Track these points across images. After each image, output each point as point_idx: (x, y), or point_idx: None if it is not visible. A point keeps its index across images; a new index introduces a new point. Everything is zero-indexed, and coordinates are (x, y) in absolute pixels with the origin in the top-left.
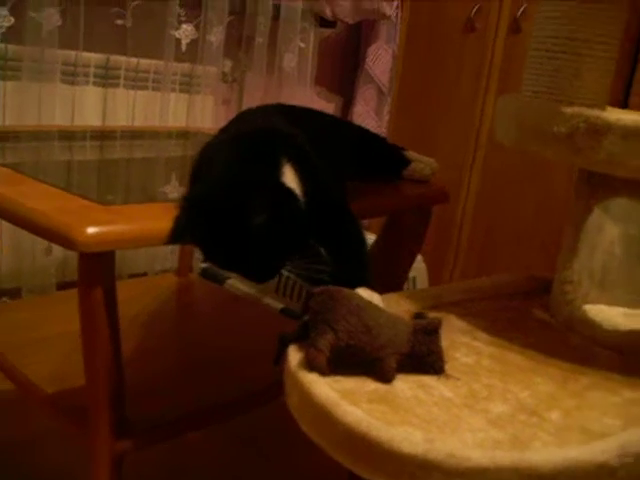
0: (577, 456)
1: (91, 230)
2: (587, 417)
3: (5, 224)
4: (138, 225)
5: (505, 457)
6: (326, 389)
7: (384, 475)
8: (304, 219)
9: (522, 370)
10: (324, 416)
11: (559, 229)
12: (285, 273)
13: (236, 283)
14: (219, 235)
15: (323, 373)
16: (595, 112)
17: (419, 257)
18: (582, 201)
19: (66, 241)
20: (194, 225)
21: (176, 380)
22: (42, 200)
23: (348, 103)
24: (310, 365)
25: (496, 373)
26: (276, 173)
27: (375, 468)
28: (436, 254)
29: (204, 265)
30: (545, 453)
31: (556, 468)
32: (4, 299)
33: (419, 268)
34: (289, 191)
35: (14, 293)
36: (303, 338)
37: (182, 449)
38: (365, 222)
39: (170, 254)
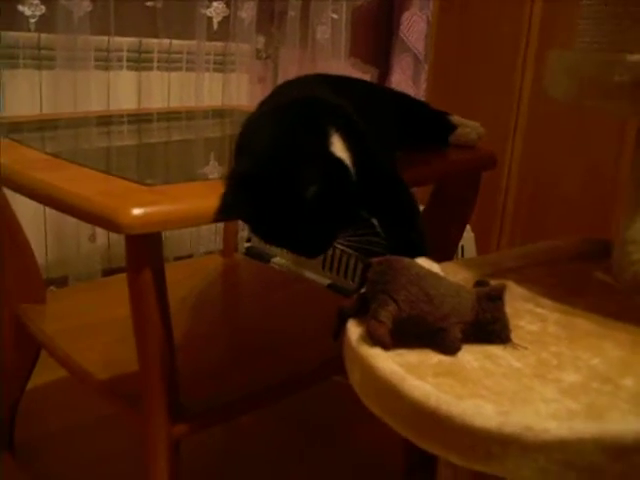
0: None
1: (136, 211)
2: None
3: (49, 213)
4: (184, 205)
5: (584, 428)
6: (390, 363)
7: (457, 452)
8: (355, 190)
9: (590, 336)
10: (390, 391)
11: (609, 193)
12: (337, 247)
13: (281, 261)
14: (269, 209)
15: (386, 346)
16: None
17: (467, 226)
18: None
19: (111, 224)
20: (243, 200)
21: (228, 362)
22: (84, 184)
23: (384, 73)
24: (372, 338)
25: (564, 340)
26: (325, 143)
27: (447, 445)
28: (482, 221)
29: (248, 244)
30: (625, 422)
31: (638, 438)
32: (51, 288)
33: (467, 237)
34: (339, 161)
35: (61, 281)
36: (362, 311)
37: (235, 432)
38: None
39: (214, 235)
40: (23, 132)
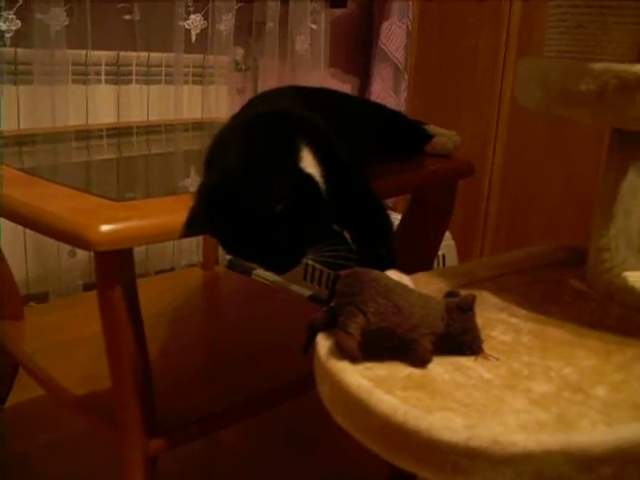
0: (630, 435)
1: (105, 228)
2: (636, 391)
3: (28, 230)
4: (154, 220)
5: (552, 440)
6: (358, 377)
7: (425, 466)
8: (325, 205)
9: (563, 345)
10: (357, 406)
11: (591, 199)
12: (310, 262)
13: (263, 273)
14: (236, 225)
15: (355, 358)
16: (626, 66)
17: (447, 234)
18: (616, 163)
19: (80, 241)
20: (210, 215)
21: (207, 375)
22: (55, 201)
23: (364, 83)
24: (340, 350)
25: (536, 350)
26: (294, 157)
27: (415, 459)
28: (464, 230)
29: (230, 257)
30: (594, 433)
31: (607, 449)
32: (31, 304)
33: (448, 245)
34: (308, 177)
35: (41, 297)
36: (332, 325)
37: (216, 446)
38: (390, 202)
39: (196, 248)
40: None
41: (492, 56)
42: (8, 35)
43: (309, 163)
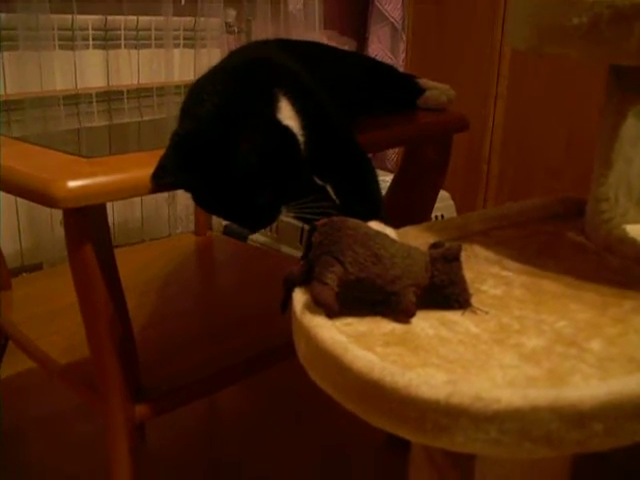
0: (622, 388)
1: (72, 184)
2: (633, 344)
3: (20, 200)
4: (123, 175)
5: (540, 395)
6: (334, 332)
7: (405, 426)
8: (303, 159)
9: (557, 298)
10: (333, 363)
11: (592, 156)
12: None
13: (259, 238)
14: (206, 177)
15: (331, 310)
16: None
17: (446, 194)
18: (614, 106)
19: (47, 198)
20: (179, 165)
21: (198, 341)
22: (24, 160)
23: (362, 45)
24: (316, 302)
25: (529, 303)
26: (270, 108)
27: (393, 418)
28: (465, 191)
29: (226, 222)
30: (586, 388)
31: (599, 404)
32: (24, 274)
33: (447, 206)
34: (285, 128)
35: (35, 268)
36: (309, 279)
37: (215, 413)
38: (389, 165)
39: (192, 216)
40: None
41: (491, 10)
42: None
43: (287, 114)
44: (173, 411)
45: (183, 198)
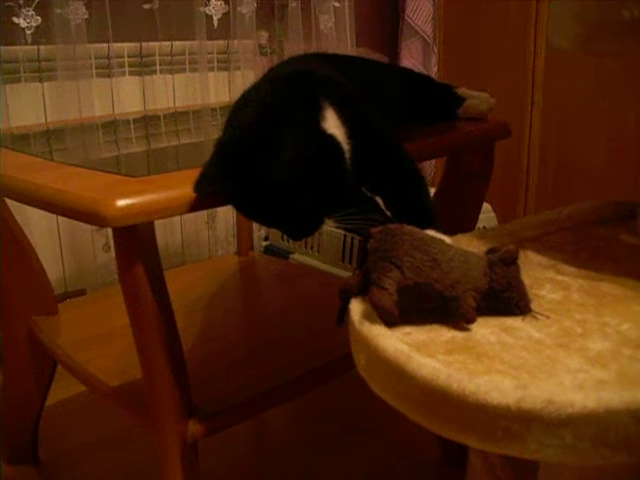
0: None
1: (121, 203)
2: None
3: (62, 227)
4: (171, 192)
5: (615, 397)
6: (395, 341)
7: (474, 434)
8: (348, 168)
9: (619, 301)
10: (395, 372)
11: (634, 159)
12: (334, 227)
13: (300, 257)
14: (250, 184)
15: (391, 313)
16: None
17: (488, 206)
18: None
19: (96, 218)
20: (223, 173)
21: (245, 359)
22: (71, 181)
23: (393, 60)
24: (375, 307)
25: (589, 307)
26: (315, 117)
27: (461, 427)
28: (505, 203)
29: (266, 243)
30: None
31: None
32: (68, 301)
33: (489, 217)
34: (330, 137)
35: (79, 294)
36: (366, 288)
37: (266, 432)
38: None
39: (232, 238)
40: (23, 140)
41: (523, 22)
42: (29, 32)
43: (332, 123)
44: (225, 431)
45: (223, 220)
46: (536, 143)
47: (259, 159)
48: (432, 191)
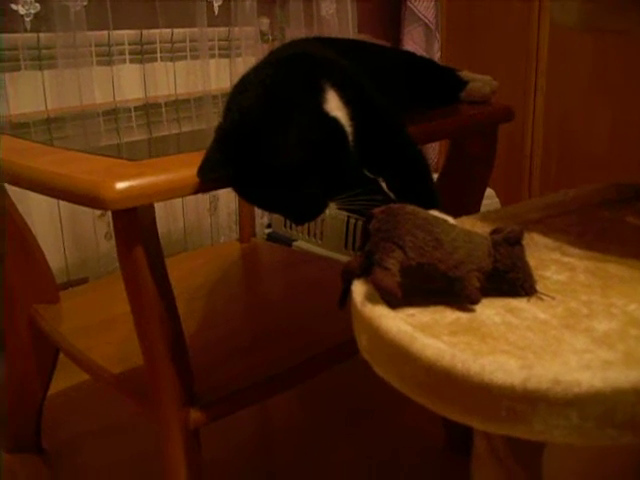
0: None
1: (120, 185)
2: None
3: (64, 216)
4: (170, 175)
5: (621, 376)
6: (399, 322)
7: (479, 415)
8: (351, 151)
9: (625, 282)
10: (399, 353)
11: (638, 144)
12: (336, 210)
13: (303, 244)
14: (252, 169)
15: (394, 294)
16: None
17: (491, 192)
18: None
19: (95, 201)
20: (225, 158)
21: (248, 346)
22: (70, 165)
23: (396, 45)
24: (378, 288)
25: (595, 288)
26: (317, 99)
27: (467, 408)
28: (508, 188)
29: (269, 230)
30: None
31: None
32: (69, 289)
33: (492, 204)
34: (333, 120)
35: (82, 283)
36: (368, 270)
37: (269, 418)
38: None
39: (235, 225)
40: (23, 128)
41: (527, 5)
42: (28, 19)
43: (334, 105)
44: (227, 418)
45: (225, 207)
46: (539, 129)
47: (261, 143)
48: (435, 177)
